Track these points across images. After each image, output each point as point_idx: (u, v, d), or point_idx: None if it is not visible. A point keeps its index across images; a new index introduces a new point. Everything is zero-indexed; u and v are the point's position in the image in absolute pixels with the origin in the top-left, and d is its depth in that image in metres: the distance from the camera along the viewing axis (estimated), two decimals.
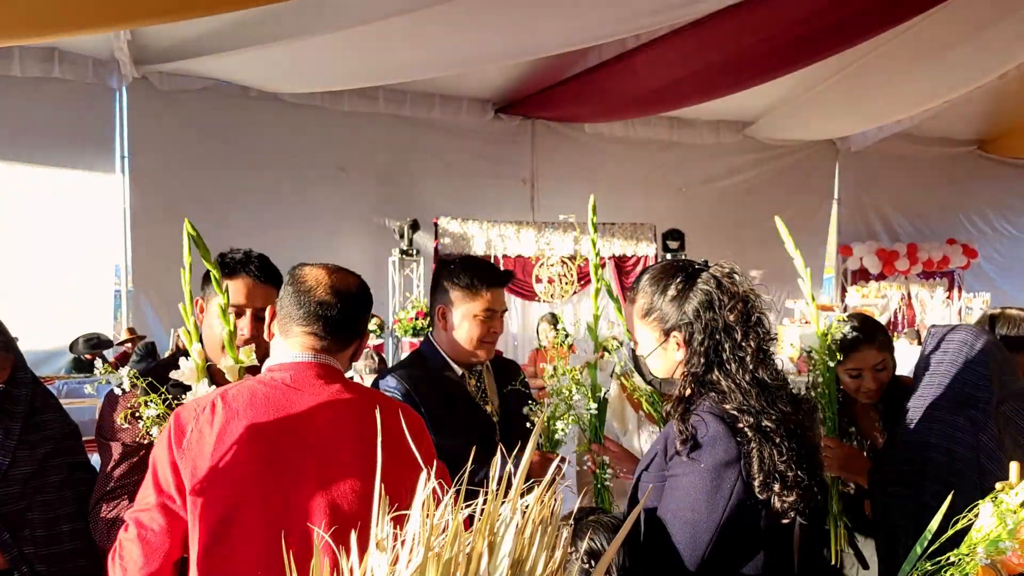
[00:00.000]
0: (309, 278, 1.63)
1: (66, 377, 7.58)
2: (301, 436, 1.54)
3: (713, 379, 1.53)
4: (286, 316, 1.62)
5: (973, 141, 12.96)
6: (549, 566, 0.73)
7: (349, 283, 1.67)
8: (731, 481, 1.45)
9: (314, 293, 1.61)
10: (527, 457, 0.78)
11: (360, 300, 1.69)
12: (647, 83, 8.87)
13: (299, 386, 1.58)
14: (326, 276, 1.64)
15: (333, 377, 1.63)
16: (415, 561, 0.67)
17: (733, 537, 1.45)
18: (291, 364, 1.60)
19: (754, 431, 1.46)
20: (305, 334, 1.61)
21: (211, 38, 7.48)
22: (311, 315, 1.60)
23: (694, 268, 1.67)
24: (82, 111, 8.66)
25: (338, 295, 1.62)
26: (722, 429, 1.47)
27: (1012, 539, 1.05)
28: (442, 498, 0.71)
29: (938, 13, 7.31)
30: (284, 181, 9.52)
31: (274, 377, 1.59)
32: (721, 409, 1.50)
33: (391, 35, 7.12)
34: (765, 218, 12.61)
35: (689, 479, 1.46)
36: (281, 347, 1.65)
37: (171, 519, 1.50)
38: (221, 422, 1.50)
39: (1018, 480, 1.11)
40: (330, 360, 1.64)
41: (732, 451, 1.46)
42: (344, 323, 1.64)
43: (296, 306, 1.60)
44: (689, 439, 1.46)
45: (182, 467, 1.49)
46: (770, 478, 1.45)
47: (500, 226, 9.70)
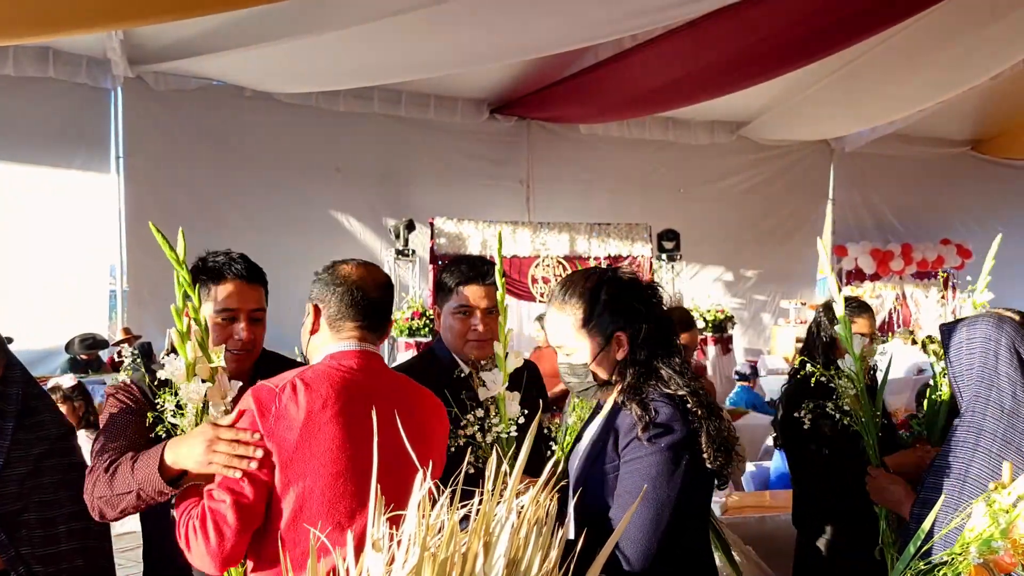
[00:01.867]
0: (354, 276, 1.80)
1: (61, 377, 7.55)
2: (373, 415, 1.61)
3: (655, 367, 1.66)
4: (338, 313, 1.77)
5: (967, 142, 13.01)
6: (544, 566, 0.73)
7: (386, 279, 1.87)
8: (687, 457, 1.59)
9: (367, 291, 1.78)
10: (522, 457, 0.78)
11: (392, 292, 1.88)
12: (643, 83, 8.89)
13: (365, 369, 1.74)
14: (368, 275, 1.82)
15: (382, 363, 1.83)
16: (411, 561, 0.67)
17: (680, 516, 1.58)
18: (351, 352, 1.75)
19: (702, 408, 1.61)
20: (359, 328, 1.77)
21: (206, 38, 7.47)
22: (362, 311, 1.77)
23: (607, 273, 1.77)
24: (77, 111, 8.65)
25: (382, 291, 1.82)
26: (676, 411, 1.60)
27: (1004, 538, 1.06)
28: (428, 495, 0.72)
29: (931, 15, 7.34)
30: (279, 181, 9.50)
31: (342, 363, 1.73)
32: (669, 393, 1.63)
33: (386, 35, 7.12)
34: (760, 218, 12.75)
35: (650, 459, 1.57)
36: (328, 340, 1.78)
37: (259, 488, 1.58)
38: (306, 401, 1.62)
39: (1010, 480, 1.12)
40: (376, 349, 1.82)
41: (686, 430, 1.60)
42: (386, 317, 1.84)
43: (350, 304, 1.76)
44: (650, 424, 1.57)
45: (269, 441, 1.59)
46: (719, 449, 1.61)
47: (496, 226, 9.69)
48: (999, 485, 1.11)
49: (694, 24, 7.35)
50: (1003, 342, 1.91)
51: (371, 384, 1.74)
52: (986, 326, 1.97)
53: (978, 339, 1.95)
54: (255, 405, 1.63)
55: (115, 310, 9.15)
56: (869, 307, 2.95)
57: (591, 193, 11.00)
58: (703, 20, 7.23)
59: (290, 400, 1.62)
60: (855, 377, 2.24)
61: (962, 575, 1.06)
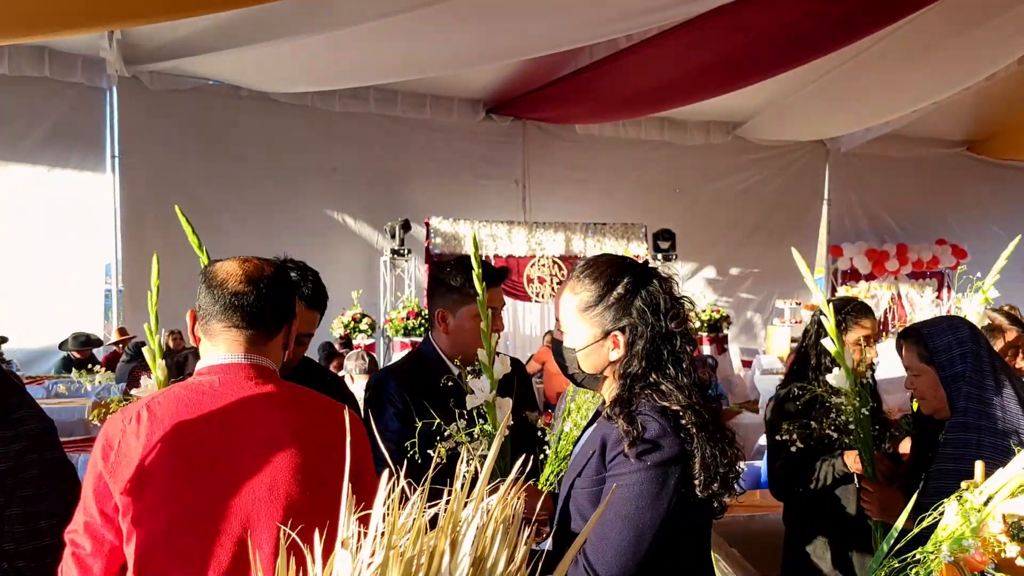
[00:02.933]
0: (220, 272, 1.59)
1: (55, 377, 7.57)
2: (229, 441, 1.48)
3: (652, 380, 1.53)
4: (205, 315, 1.57)
5: (962, 142, 13.05)
6: (511, 566, 0.74)
7: (262, 269, 1.62)
8: (675, 478, 1.46)
9: (227, 285, 1.57)
10: (491, 456, 0.79)
11: (275, 283, 1.63)
12: (638, 83, 8.90)
13: (228, 389, 1.53)
14: (237, 267, 1.60)
15: (266, 377, 1.58)
16: (377, 559, 0.68)
17: (672, 533, 1.47)
18: (219, 366, 1.55)
19: (697, 428, 1.48)
20: (226, 328, 1.56)
21: (202, 38, 7.48)
22: (228, 307, 1.55)
23: (642, 268, 1.64)
24: (72, 110, 8.66)
25: (252, 282, 1.58)
26: (667, 427, 1.47)
27: (975, 537, 1.07)
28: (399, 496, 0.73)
29: (926, 15, 7.36)
30: (275, 181, 9.51)
31: (201, 381, 1.54)
32: (663, 407, 1.50)
33: (382, 36, 7.13)
34: (756, 218, 12.74)
35: (635, 477, 1.45)
36: (207, 349, 1.59)
37: (96, 540, 1.44)
38: (147, 431, 1.44)
39: (983, 479, 1.13)
40: (262, 360, 1.59)
41: (676, 448, 1.47)
42: (263, 309, 1.59)
43: (212, 302, 1.56)
44: (637, 439, 1.45)
45: (111, 482, 1.43)
46: (712, 479, 1.47)
47: (491, 226, 9.71)
48: (971, 484, 1.12)
49: (689, 25, 7.37)
50: (982, 343, 1.93)
51: (229, 406, 1.51)
52: (966, 328, 1.98)
53: (967, 340, 1.95)
54: (102, 442, 1.46)
55: (110, 309, 9.15)
56: (870, 308, 2.94)
57: (587, 193, 11.02)
58: (698, 21, 7.25)
59: (132, 434, 1.44)
60: (849, 393, 2.22)
61: (934, 573, 1.08)
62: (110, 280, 9.04)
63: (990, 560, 1.06)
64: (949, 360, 1.97)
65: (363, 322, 8.78)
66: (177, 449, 1.44)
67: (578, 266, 1.67)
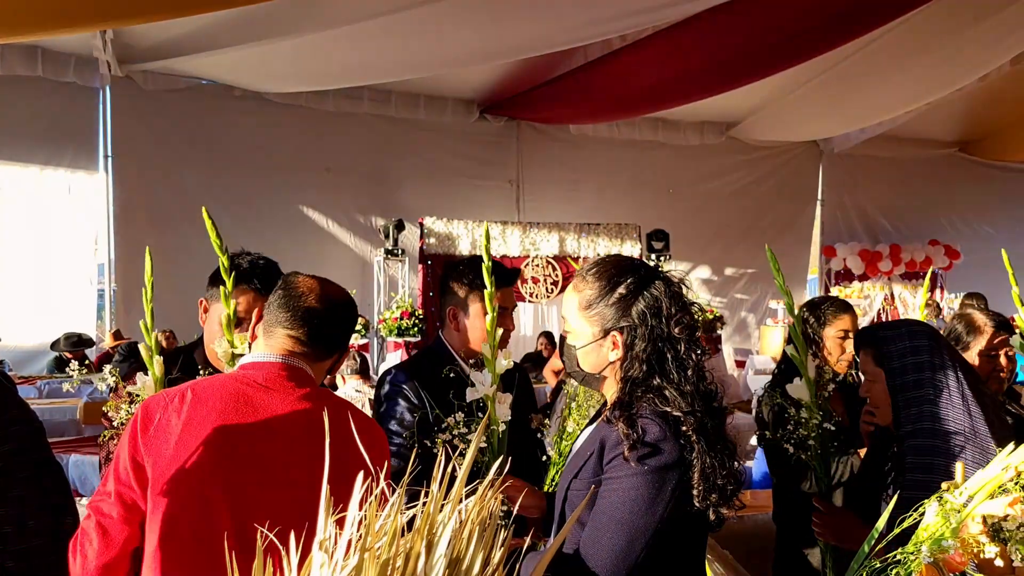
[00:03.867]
0: (302, 285, 1.66)
1: (48, 377, 7.56)
2: (265, 435, 1.54)
3: (655, 384, 1.51)
4: (272, 319, 1.64)
5: (955, 143, 13.08)
6: (488, 568, 0.75)
7: (340, 295, 1.71)
8: (672, 484, 1.44)
9: (305, 299, 1.64)
10: (470, 455, 0.80)
11: (347, 313, 1.72)
12: (632, 84, 8.91)
13: (270, 385, 1.59)
14: (318, 285, 1.67)
15: (303, 381, 1.63)
16: (352, 561, 0.68)
17: (666, 540, 1.44)
18: (264, 363, 1.61)
19: (698, 435, 1.46)
20: (287, 337, 1.63)
21: (195, 37, 7.47)
22: (297, 319, 1.63)
23: (647, 270, 1.62)
24: (65, 110, 8.64)
25: (327, 303, 1.66)
26: (667, 431, 1.46)
27: (955, 538, 1.07)
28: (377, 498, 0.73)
29: (919, 16, 7.38)
30: (269, 181, 9.50)
31: (246, 374, 1.60)
32: (664, 412, 1.48)
33: (376, 35, 7.13)
34: (750, 219, 12.77)
35: (631, 481, 1.43)
36: (259, 347, 1.66)
37: (127, 509, 1.49)
38: (188, 412, 1.51)
39: (962, 480, 1.14)
40: (303, 364, 1.64)
41: (675, 454, 1.45)
42: (328, 333, 1.67)
43: (284, 309, 1.63)
44: (636, 443, 1.43)
45: (146, 455, 1.48)
46: (710, 490, 1.46)
47: (486, 226, 9.70)
48: (952, 485, 1.13)
49: (683, 25, 7.38)
50: (946, 354, 1.88)
51: (269, 401, 1.57)
52: (925, 337, 1.91)
53: (924, 350, 1.88)
54: (141, 415, 1.53)
55: (103, 309, 9.13)
56: (849, 305, 2.95)
57: (581, 193, 11.03)
58: (692, 21, 7.26)
59: (174, 411, 1.52)
60: (810, 405, 2.19)
61: (914, 574, 1.08)
62: (103, 280, 9.02)
63: (969, 561, 1.07)
64: (901, 367, 1.89)
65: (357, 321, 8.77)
66: (215, 434, 1.49)
67: (586, 265, 1.66)
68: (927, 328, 2.00)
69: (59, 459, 2.36)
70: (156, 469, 1.47)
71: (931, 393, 1.82)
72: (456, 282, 2.35)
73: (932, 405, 1.81)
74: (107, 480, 1.53)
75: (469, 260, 2.38)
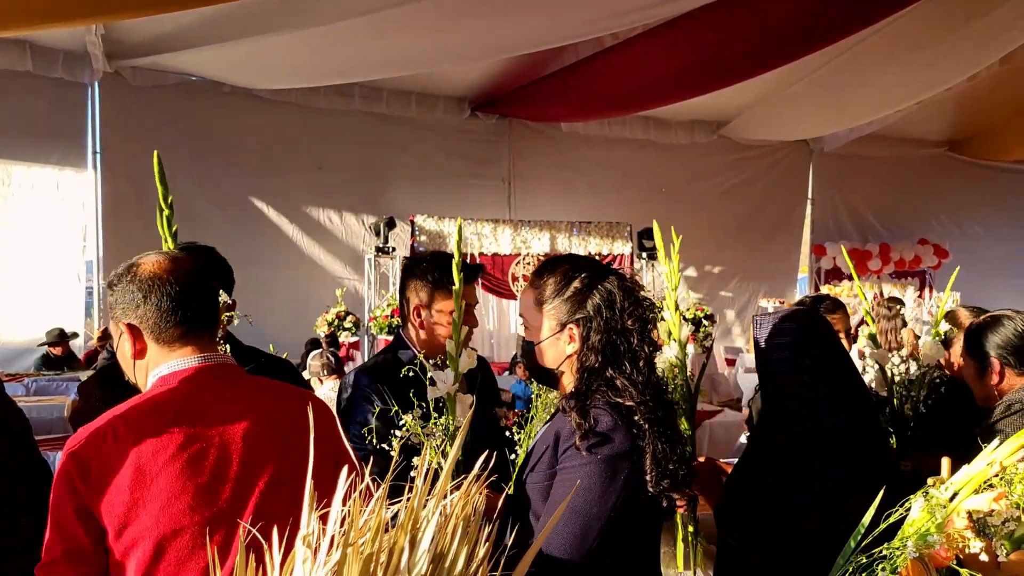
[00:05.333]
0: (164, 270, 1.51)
1: (36, 375, 7.52)
2: (219, 444, 1.44)
3: (608, 375, 1.56)
4: (162, 322, 1.48)
5: (944, 143, 13.13)
6: (473, 563, 0.74)
7: (193, 263, 1.57)
8: (625, 472, 1.48)
9: (184, 283, 1.50)
10: (454, 452, 0.79)
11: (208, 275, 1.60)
12: (623, 82, 8.91)
13: (202, 391, 1.48)
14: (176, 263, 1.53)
15: (234, 375, 1.55)
16: (335, 556, 0.68)
17: (620, 527, 1.48)
18: (187, 371, 1.48)
19: (650, 424, 1.51)
20: (191, 333, 1.50)
21: (185, 33, 7.43)
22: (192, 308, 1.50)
23: (600, 266, 1.68)
24: (54, 106, 8.57)
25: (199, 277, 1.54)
26: (619, 421, 1.50)
27: (940, 533, 1.07)
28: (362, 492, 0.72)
29: (908, 16, 7.40)
30: (259, 178, 9.47)
31: (174, 389, 1.46)
32: (616, 403, 1.52)
33: (366, 32, 7.11)
34: (740, 218, 12.76)
35: (585, 470, 1.46)
36: (160, 358, 1.51)
37: (84, 564, 1.36)
38: (131, 446, 1.37)
39: (948, 475, 1.14)
40: (224, 359, 1.55)
41: (627, 443, 1.49)
42: (212, 304, 1.56)
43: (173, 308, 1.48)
44: (589, 432, 1.47)
45: (92, 505, 1.35)
46: (662, 476, 1.50)
47: (477, 224, 9.71)
48: (937, 480, 1.13)
49: (674, 23, 7.39)
50: (813, 338, 1.92)
51: (209, 408, 1.46)
52: (794, 321, 1.97)
53: (789, 332, 1.94)
54: (72, 467, 1.35)
55: (92, 306, 9.09)
56: (842, 304, 2.99)
57: (572, 192, 11.03)
58: (683, 19, 7.27)
59: (111, 450, 1.35)
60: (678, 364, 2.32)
61: (899, 569, 1.08)
62: (91, 277, 8.97)
63: (954, 556, 1.07)
64: (768, 348, 1.96)
65: (347, 320, 8.75)
66: (169, 458, 1.38)
67: (540, 264, 1.72)
68: (803, 314, 2.05)
69: (45, 456, 2.36)
70: (113, 519, 1.34)
71: (790, 372, 1.90)
72: (419, 278, 2.33)
73: (784, 379, 1.90)
74: (51, 542, 1.37)
75: (432, 255, 2.38)
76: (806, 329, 1.95)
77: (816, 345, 1.92)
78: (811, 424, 1.82)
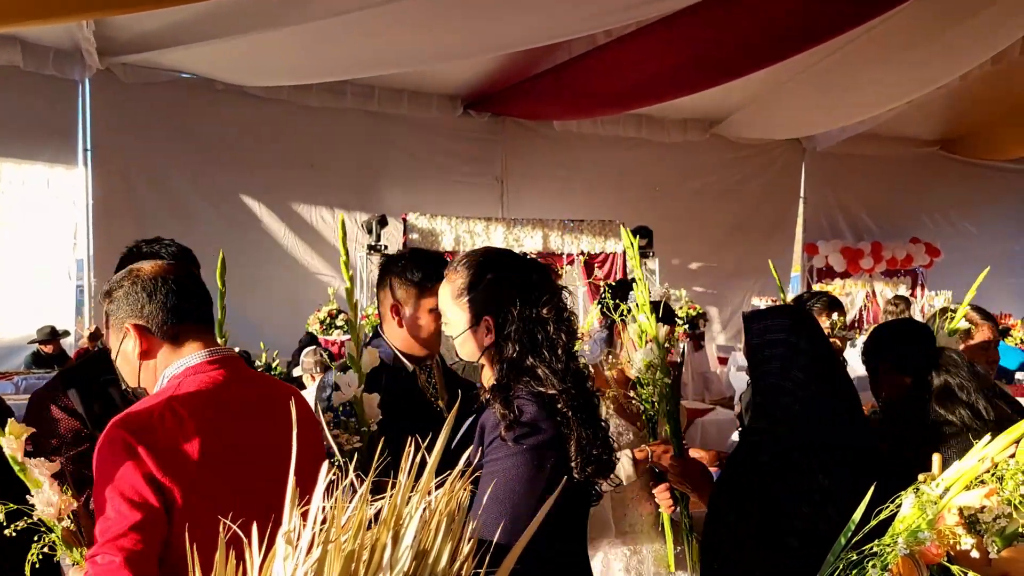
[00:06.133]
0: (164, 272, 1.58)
1: (26, 372, 7.48)
2: (255, 428, 1.56)
3: (528, 365, 1.57)
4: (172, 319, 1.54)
5: (936, 141, 13.17)
6: (458, 560, 0.73)
7: (186, 267, 1.66)
8: (551, 461, 1.49)
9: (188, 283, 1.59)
10: (438, 448, 0.78)
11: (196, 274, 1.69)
12: (616, 80, 8.90)
13: (235, 380, 1.58)
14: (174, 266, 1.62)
15: (241, 367, 1.63)
16: (316, 552, 0.67)
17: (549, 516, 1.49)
18: (209, 362, 1.55)
19: (573, 412, 1.52)
20: (203, 329, 1.60)
21: (177, 30, 7.39)
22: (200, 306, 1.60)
23: (514, 258, 1.70)
24: (44, 103, 8.50)
25: (195, 278, 1.63)
26: (543, 411, 1.51)
27: (931, 530, 1.07)
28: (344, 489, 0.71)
29: (901, 14, 7.41)
30: (251, 176, 9.42)
31: (210, 378, 1.54)
32: (539, 392, 1.53)
33: (357, 29, 7.09)
34: (733, 216, 12.78)
35: (512, 461, 1.47)
36: (171, 357, 1.56)
37: (153, 532, 1.38)
38: (190, 425, 1.44)
39: (939, 471, 1.14)
40: (228, 351, 1.63)
41: (552, 432, 1.51)
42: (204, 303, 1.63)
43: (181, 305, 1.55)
44: (513, 423, 1.47)
45: (160, 473, 1.39)
46: (587, 462, 1.52)
47: (469, 222, 9.70)
48: (928, 476, 1.13)
49: (667, 21, 7.39)
50: (804, 334, 1.91)
51: (245, 394, 1.58)
52: (787, 318, 1.97)
53: (780, 329, 1.93)
54: (132, 437, 1.40)
55: (83, 305, 9.04)
56: (839, 302, 3.01)
57: (565, 190, 11.01)
58: (676, 17, 7.26)
59: (173, 426, 1.43)
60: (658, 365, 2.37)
61: (890, 566, 1.08)
62: (82, 275, 8.92)
63: (945, 552, 1.07)
64: (759, 344, 1.95)
65: (339, 318, 8.73)
66: (215, 442, 1.46)
67: (455, 257, 1.74)
68: (793, 311, 2.07)
69: None
70: (179, 488, 1.40)
71: (776, 366, 1.89)
72: (398, 276, 2.30)
73: (774, 377, 1.89)
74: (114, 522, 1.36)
75: (411, 253, 2.36)
76: (796, 326, 1.94)
77: (806, 341, 1.92)
78: (802, 423, 1.81)
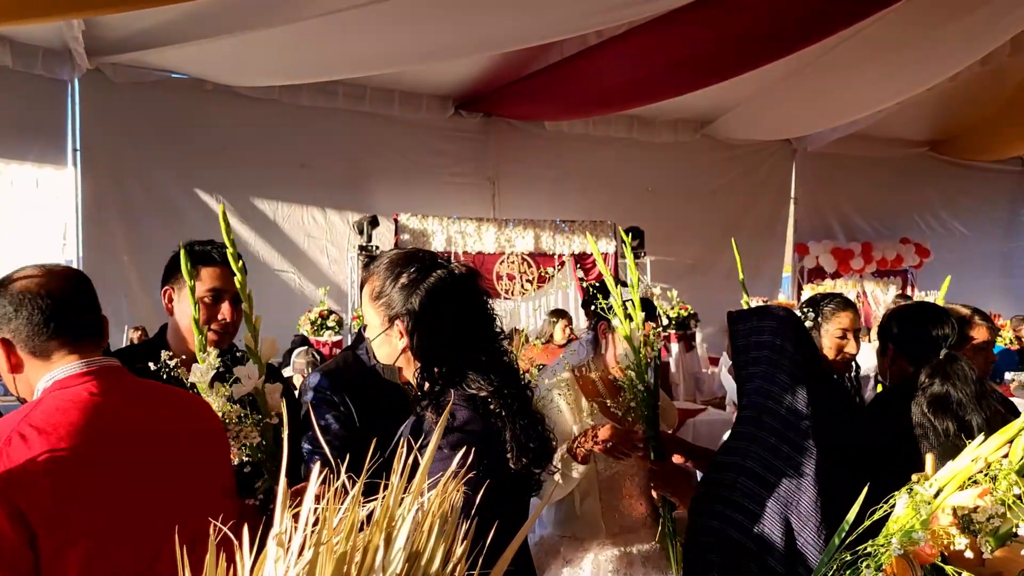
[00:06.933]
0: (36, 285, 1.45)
1: None
2: (131, 444, 1.44)
3: (453, 368, 1.57)
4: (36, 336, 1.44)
5: (925, 142, 13.25)
6: (451, 561, 0.72)
7: (68, 272, 1.53)
8: (487, 458, 1.48)
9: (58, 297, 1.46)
10: (430, 451, 0.78)
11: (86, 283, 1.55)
12: (608, 80, 8.91)
13: (106, 391, 1.46)
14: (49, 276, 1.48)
15: (128, 377, 1.54)
16: (307, 555, 0.66)
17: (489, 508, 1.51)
18: (80, 375, 1.45)
19: (505, 410, 1.53)
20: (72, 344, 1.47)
21: (167, 29, 7.35)
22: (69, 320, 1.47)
23: (432, 261, 1.66)
24: (33, 103, 8.45)
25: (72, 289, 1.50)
26: (475, 413, 1.52)
27: (925, 530, 1.07)
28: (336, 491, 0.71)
29: (890, 16, 7.45)
30: (241, 176, 9.38)
31: (75, 389, 1.43)
32: (471, 395, 1.54)
33: (349, 28, 7.06)
34: (724, 216, 12.82)
35: (446, 464, 1.47)
36: (40, 371, 1.46)
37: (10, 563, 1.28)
38: (46, 448, 1.32)
39: (933, 471, 1.14)
40: (107, 362, 1.52)
41: (485, 431, 1.51)
42: (96, 315, 1.54)
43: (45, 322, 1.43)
44: (447, 428, 1.47)
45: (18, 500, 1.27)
46: (522, 452, 1.53)
47: (461, 222, 9.69)
48: (922, 477, 1.12)
49: (659, 21, 7.40)
50: (791, 337, 1.90)
51: (122, 406, 1.46)
52: (772, 319, 1.94)
53: (767, 331, 1.91)
54: None
55: None
56: (851, 302, 3.04)
57: (557, 190, 11.01)
58: (667, 18, 7.27)
59: (23, 456, 1.29)
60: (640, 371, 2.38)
61: (884, 566, 1.08)
62: None
63: (939, 552, 1.06)
64: (744, 345, 1.94)
65: (330, 319, 8.71)
66: (85, 459, 1.35)
67: (371, 259, 1.73)
68: (779, 312, 2.04)
69: None
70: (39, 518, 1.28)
71: (768, 371, 1.86)
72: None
73: (761, 380, 1.87)
74: None
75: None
76: (782, 327, 1.93)
77: (792, 342, 1.90)
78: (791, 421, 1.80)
